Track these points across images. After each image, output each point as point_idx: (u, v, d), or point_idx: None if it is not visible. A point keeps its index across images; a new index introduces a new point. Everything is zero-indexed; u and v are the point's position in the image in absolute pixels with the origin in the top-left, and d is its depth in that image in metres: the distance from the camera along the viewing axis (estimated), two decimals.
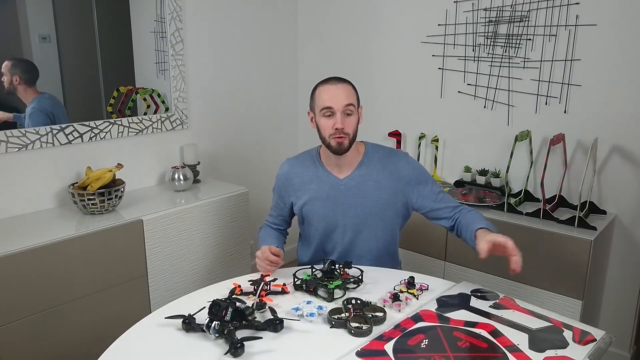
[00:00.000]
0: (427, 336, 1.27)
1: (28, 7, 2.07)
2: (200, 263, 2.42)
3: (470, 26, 2.56)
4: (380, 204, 1.73)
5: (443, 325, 1.32)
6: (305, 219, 1.81)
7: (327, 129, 1.65)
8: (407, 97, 2.86)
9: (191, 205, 2.33)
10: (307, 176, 1.76)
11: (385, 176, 1.72)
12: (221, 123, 2.91)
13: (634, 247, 2.27)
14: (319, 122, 1.68)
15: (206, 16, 2.73)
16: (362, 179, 1.73)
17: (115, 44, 2.39)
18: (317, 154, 1.79)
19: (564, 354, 1.21)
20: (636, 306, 2.31)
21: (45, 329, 1.90)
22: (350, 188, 1.73)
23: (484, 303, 1.45)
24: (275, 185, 1.86)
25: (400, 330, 1.29)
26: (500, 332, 1.29)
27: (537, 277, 2.17)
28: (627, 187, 2.24)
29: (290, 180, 1.79)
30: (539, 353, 1.21)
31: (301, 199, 1.77)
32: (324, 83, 1.69)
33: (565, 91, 2.32)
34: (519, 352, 1.21)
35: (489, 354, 1.20)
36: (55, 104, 2.20)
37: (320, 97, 1.66)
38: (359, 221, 1.74)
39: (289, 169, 1.80)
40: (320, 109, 1.65)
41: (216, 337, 1.28)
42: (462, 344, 1.24)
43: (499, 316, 1.37)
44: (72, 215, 2.16)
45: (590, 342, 1.26)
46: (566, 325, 1.33)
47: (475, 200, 2.39)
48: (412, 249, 2.54)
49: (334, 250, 1.79)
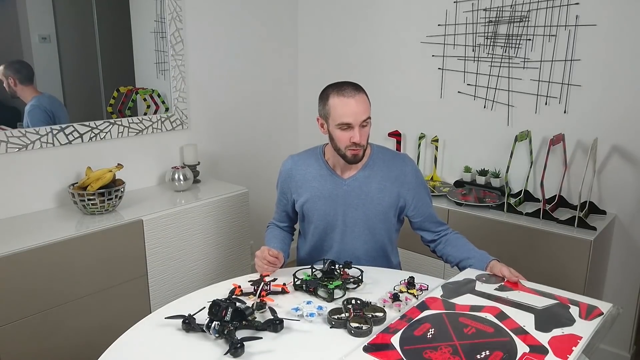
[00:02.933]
0: (433, 325, 1.26)
1: (28, 7, 2.07)
2: (200, 263, 2.42)
3: (470, 26, 2.56)
4: (382, 207, 1.73)
5: (449, 312, 1.32)
6: (305, 216, 1.81)
7: (344, 141, 1.62)
8: (407, 97, 2.86)
9: (191, 205, 2.33)
10: (309, 174, 1.76)
11: (391, 180, 1.73)
12: (221, 123, 2.91)
13: (634, 247, 2.27)
14: (333, 133, 1.64)
15: (206, 16, 2.73)
16: (366, 180, 1.72)
17: (115, 44, 2.39)
18: (322, 152, 1.78)
19: (570, 331, 1.20)
20: (636, 306, 2.31)
21: (45, 329, 1.90)
22: (353, 189, 1.73)
23: (489, 286, 1.44)
24: (278, 181, 1.86)
25: (406, 321, 1.29)
26: (507, 315, 1.28)
27: (536, 277, 2.16)
28: (627, 187, 2.24)
29: (293, 177, 1.79)
30: (546, 333, 1.20)
31: (302, 196, 1.77)
32: (340, 94, 1.60)
33: (565, 91, 2.33)
34: (526, 334, 1.20)
35: (495, 339, 1.20)
36: (54, 103, 2.20)
37: (336, 110, 1.60)
38: (360, 222, 1.74)
39: (292, 166, 1.80)
40: (337, 123, 1.61)
41: (216, 337, 1.28)
42: (468, 330, 1.23)
43: (504, 298, 1.37)
44: (72, 215, 2.16)
45: (598, 315, 1.25)
46: (572, 301, 1.33)
47: (475, 201, 2.39)
48: (412, 249, 2.54)
49: (331, 248, 1.79)
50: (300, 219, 1.85)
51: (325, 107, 1.64)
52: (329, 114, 1.63)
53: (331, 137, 1.67)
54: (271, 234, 1.87)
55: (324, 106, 1.65)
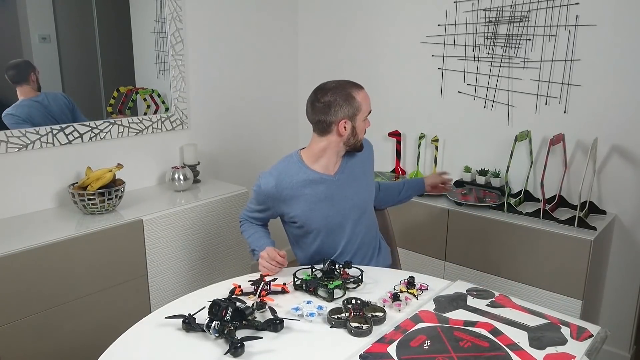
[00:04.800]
0: (428, 337, 1.27)
1: (28, 7, 2.07)
2: (200, 263, 2.42)
3: (470, 26, 2.56)
4: (370, 186, 1.85)
5: (443, 326, 1.32)
6: (304, 225, 1.75)
7: (364, 130, 1.74)
8: (407, 97, 2.86)
9: (191, 205, 2.33)
10: (297, 183, 1.71)
11: (364, 156, 1.83)
12: (221, 123, 2.91)
13: (634, 247, 2.27)
14: (357, 127, 1.70)
15: (206, 16, 2.73)
16: (351, 168, 1.78)
17: (115, 44, 2.39)
18: (300, 158, 1.74)
19: (564, 350, 1.22)
20: (636, 306, 2.31)
21: (45, 329, 1.90)
22: (344, 181, 1.75)
23: (480, 302, 1.45)
24: (258, 198, 1.76)
25: (401, 332, 1.29)
26: (500, 331, 1.30)
27: (537, 277, 2.18)
28: (627, 187, 2.24)
29: (280, 194, 1.71)
30: (540, 350, 1.21)
31: (296, 208, 1.72)
32: (359, 88, 1.69)
33: (565, 91, 2.33)
34: (521, 350, 1.22)
35: (491, 353, 1.21)
36: (34, 110, 2.14)
37: (365, 102, 1.70)
38: (357, 209, 1.78)
39: (277, 183, 1.70)
40: (366, 114, 1.71)
41: (216, 337, 1.28)
42: (463, 344, 1.24)
43: (497, 315, 1.38)
44: (72, 215, 2.16)
45: (588, 337, 1.27)
46: (562, 321, 1.35)
47: (475, 200, 2.39)
48: (412, 249, 2.54)
49: (338, 246, 1.78)
50: (296, 227, 1.78)
51: (354, 105, 1.67)
52: (359, 109, 1.68)
53: (353, 133, 1.70)
54: (257, 234, 1.80)
55: (350, 105, 1.66)
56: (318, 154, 1.72)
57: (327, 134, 1.69)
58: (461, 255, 2.38)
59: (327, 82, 1.70)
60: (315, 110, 1.67)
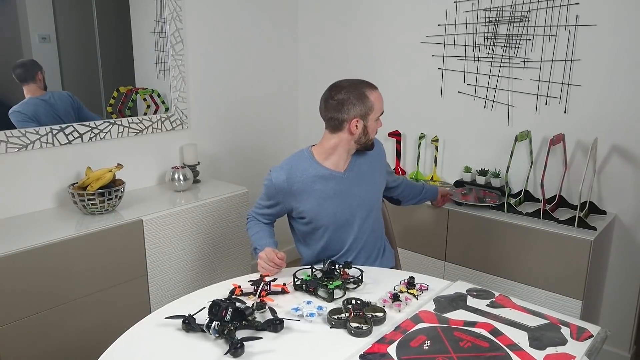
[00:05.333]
0: (428, 337, 1.27)
1: (28, 7, 2.07)
2: (200, 263, 2.42)
3: (470, 26, 2.56)
4: (378, 185, 1.85)
5: (443, 326, 1.32)
6: (312, 221, 1.76)
7: (375, 130, 1.76)
8: (407, 97, 2.86)
9: (191, 205, 2.33)
10: (307, 178, 1.73)
11: (373, 156, 1.83)
12: (221, 123, 2.91)
13: (634, 247, 2.27)
14: (369, 126, 1.71)
15: (206, 16, 2.73)
16: (359, 166, 1.79)
17: (115, 44, 2.39)
18: (312, 154, 1.76)
19: (564, 350, 1.22)
20: (636, 306, 2.31)
21: (45, 329, 1.90)
22: (352, 178, 1.76)
23: (480, 302, 1.45)
24: (268, 192, 1.77)
25: (401, 332, 1.29)
26: (500, 331, 1.30)
27: (537, 277, 2.17)
28: (627, 187, 2.24)
29: (290, 187, 1.72)
30: (540, 351, 1.21)
31: (305, 203, 1.73)
32: (372, 88, 1.71)
33: (565, 91, 2.33)
34: (521, 350, 1.22)
35: (491, 353, 1.21)
36: (41, 108, 2.16)
37: (378, 102, 1.71)
38: (364, 207, 1.78)
39: (288, 176, 1.71)
40: (378, 115, 1.73)
41: (216, 337, 1.28)
42: (464, 344, 1.24)
43: (497, 315, 1.38)
44: (72, 215, 2.16)
45: (588, 337, 1.27)
46: (562, 322, 1.35)
47: (475, 200, 2.39)
48: (412, 249, 2.54)
49: (345, 243, 1.79)
50: (303, 224, 1.79)
51: (367, 104, 1.68)
52: (372, 109, 1.70)
53: (365, 132, 1.71)
54: (262, 232, 1.81)
55: (363, 104, 1.68)
56: (329, 150, 1.74)
57: (338, 131, 1.70)
58: (461, 255, 2.38)
59: (342, 80, 1.72)
60: (328, 107, 1.69)
